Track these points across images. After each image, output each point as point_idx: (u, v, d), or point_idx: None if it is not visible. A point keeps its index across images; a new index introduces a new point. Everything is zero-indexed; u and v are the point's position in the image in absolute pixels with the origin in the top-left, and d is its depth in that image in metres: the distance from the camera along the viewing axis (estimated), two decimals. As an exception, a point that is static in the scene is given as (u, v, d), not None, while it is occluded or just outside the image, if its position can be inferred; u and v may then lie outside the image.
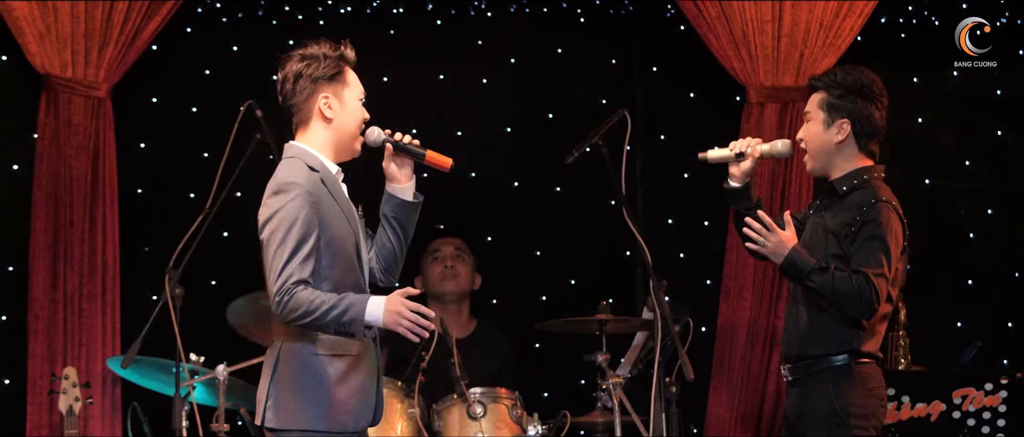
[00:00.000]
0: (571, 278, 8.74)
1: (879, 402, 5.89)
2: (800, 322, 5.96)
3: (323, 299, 5.13)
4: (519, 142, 8.80)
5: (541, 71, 8.81)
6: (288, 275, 5.13)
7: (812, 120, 6.02)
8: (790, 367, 6.01)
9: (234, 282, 7.50)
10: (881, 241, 5.78)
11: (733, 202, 6.19)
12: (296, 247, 5.16)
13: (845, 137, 5.96)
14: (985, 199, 8.81)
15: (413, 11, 8.69)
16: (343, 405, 5.26)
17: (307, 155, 5.35)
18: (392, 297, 5.18)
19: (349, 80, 5.42)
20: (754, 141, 6.12)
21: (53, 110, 7.90)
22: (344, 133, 5.41)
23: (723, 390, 8.25)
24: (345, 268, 5.31)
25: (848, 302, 5.74)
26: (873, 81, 5.98)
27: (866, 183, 5.95)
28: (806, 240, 6.03)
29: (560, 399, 7.86)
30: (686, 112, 8.79)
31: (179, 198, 8.22)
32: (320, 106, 5.36)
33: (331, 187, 5.33)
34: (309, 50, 5.39)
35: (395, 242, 5.60)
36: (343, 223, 5.32)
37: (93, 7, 7.91)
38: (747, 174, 6.13)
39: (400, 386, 7.21)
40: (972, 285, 8.73)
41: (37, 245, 7.87)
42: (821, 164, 6.04)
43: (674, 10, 8.57)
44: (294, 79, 5.36)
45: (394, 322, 5.16)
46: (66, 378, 7.38)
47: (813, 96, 6.04)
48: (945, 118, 8.84)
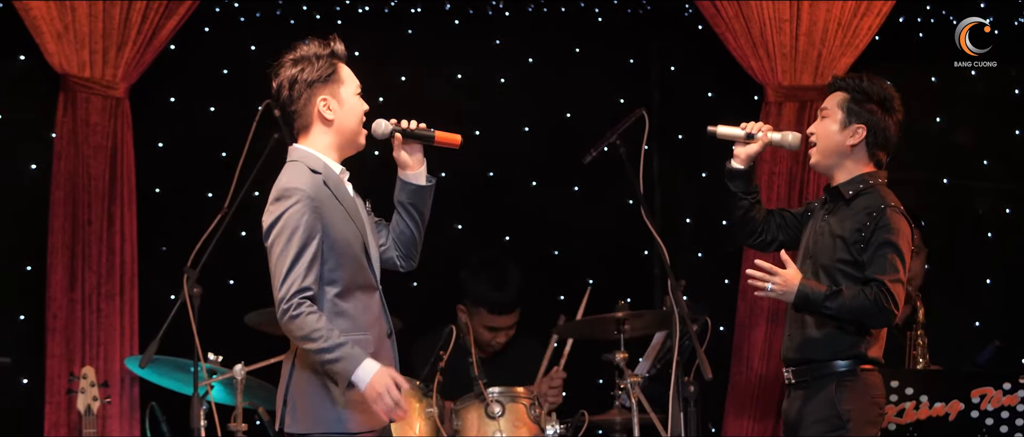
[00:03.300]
0: (589, 278, 8.74)
1: (879, 410, 5.92)
2: (805, 326, 5.96)
3: (324, 335, 5.14)
4: (536, 142, 8.80)
5: (559, 71, 8.81)
6: (290, 284, 5.15)
7: (828, 117, 6.03)
8: (794, 370, 6.02)
9: (252, 281, 7.50)
10: (894, 247, 5.81)
11: (733, 183, 6.19)
12: (297, 255, 5.17)
13: (858, 142, 5.98)
14: (1003, 198, 8.79)
15: (431, 10, 8.69)
16: (361, 405, 5.25)
17: (309, 158, 5.36)
18: (382, 373, 5.17)
19: (343, 77, 5.42)
20: (766, 126, 6.14)
21: (71, 110, 7.91)
22: (346, 131, 5.42)
23: (741, 389, 8.25)
24: (353, 269, 5.31)
25: (868, 316, 5.76)
26: (894, 96, 6.02)
27: (871, 188, 5.96)
28: (810, 243, 6.04)
29: (578, 398, 7.87)
30: (704, 111, 8.75)
31: (197, 198, 8.23)
32: (319, 109, 5.37)
33: (334, 188, 5.33)
34: (299, 53, 5.39)
35: (413, 228, 5.61)
36: (348, 224, 5.32)
37: (111, 7, 7.92)
38: (752, 158, 6.15)
39: (418, 386, 7.20)
40: (990, 284, 8.72)
41: (55, 244, 7.88)
42: (828, 163, 6.06)
43: (692, 9, 8.57)
44: (290, 86, 5.36)
45: (374, 398, 5.16)
46: (84, 377, 7.39)
47: (834, 95, 6.05)
48: (963, 118, 8.83)
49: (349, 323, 5.27)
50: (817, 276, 5.92)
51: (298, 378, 5.30)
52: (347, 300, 5.29)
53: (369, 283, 5.38)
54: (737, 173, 6.19)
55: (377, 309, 5.40)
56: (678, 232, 8.68)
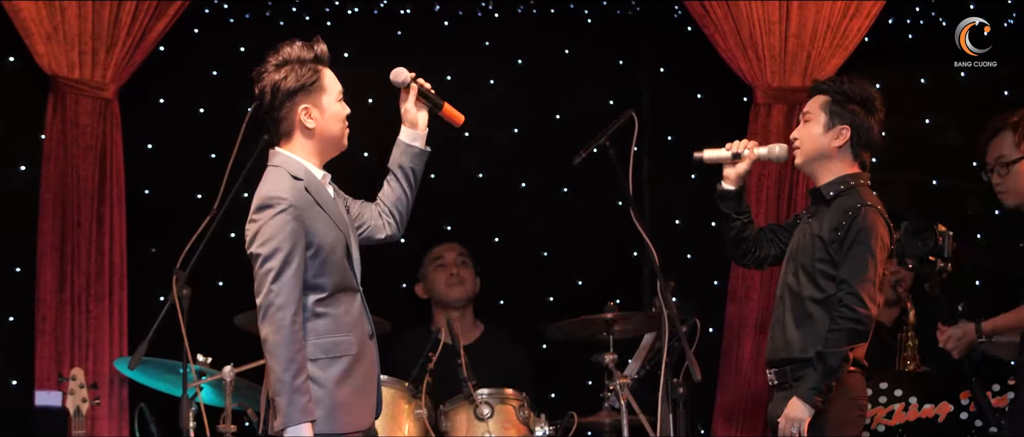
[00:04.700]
0: (578, 279, 8.74)
1: (859, 411, 5.94)
2: (786, 327, 5.98)
3: (291, 362, 5.13)
4: (526, 143, 8.80)
5: (548, 72, 8.81)
6: (274, 295, 5.17)
7: (811, 121, 6.06)
8: (776, 371, 6.03)
9: (241, 283, 7.46)
10: (866, 247, 5.82)
11: (725, 205, 6.22)
12: (282, 266, 5.19)
13: (843, 143, 5.99)
14: (992, 200, 8.78)
15: (420, 12, 8.69)
16: (345, 406, 5.27)
17: (290, 163, 5.37)
18: None
19: (326, 84, 5.42)
20: (751, 143, 6.15)
21: (60, 111, 7.91)
22: (327, 138, 5.43)
23: (730, 391, 8.25)
24: (338, 273, 5.33)
25: (853, 336, 5.79)
26: (875, 96, 6.04)
27: (852, 189, 5.99)
28: (794, 245, 6.06)
29: (567, 400, 7.86)
30: (693, 113, 8.78)
31: (186, 199, 8.22)
32: (301, 117, 5.37)
33: (316, 194, 5.34)
34: (282, 56, 5.38)
35: (408, 192, 5.66)
36: (332, 228, 5.33)
37: (100, 8, 7.91)
38: (742, 177, 6.18)
39: (407, 387, 7.21)
40: (979, 286, 8.72)
41: (44, 246, 7.87)
42: (813, 165, 6.08)
43: (681, 11, 8.56)
44: (272, 92, 5.36)
45: None
46: (73, 379, 7.38)
47: (815, 98, 6.09)
48: (952, 119, 8.83)
49: (332, 324, 5.28)
50: (798, 277, 5.94)
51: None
52: (330, 304, 5.31)
53: (351, 286, 5.39)
54: (728, 194, 6.21)
55: (359, 311, 5.41)
56: (667, 233, 8.68)
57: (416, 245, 8.22)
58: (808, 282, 5.91)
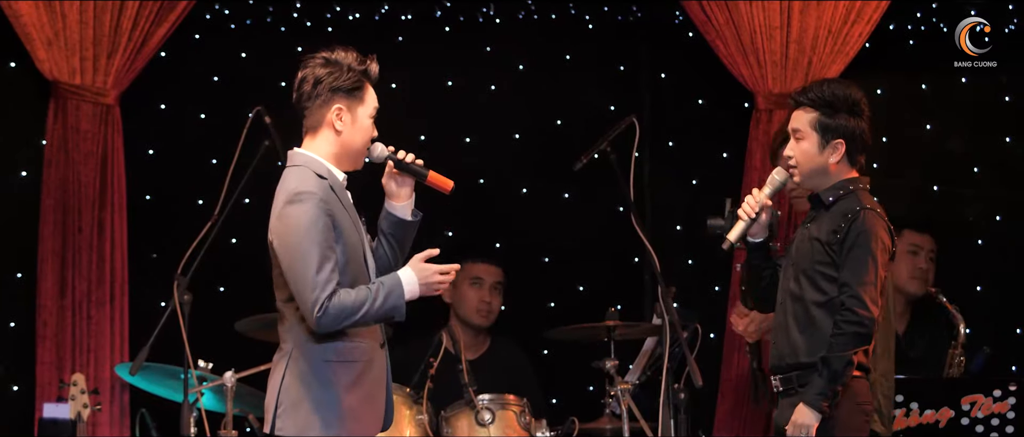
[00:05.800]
0: (579, 284, 8.74)
1: (865, 417, 5.90)
2: (790, 332, 5.95)
3: (358, 298, 5.17)
4: (527, 148, 8.80)
5: (549, 77, 8.81)
6: (321, 289, 5.13)
7: (804, 139, 5.93)
8: (781, 378, 5.99)
9: (242, 288, 7.50)
10: (866, 250, 5.79)
11: (758, 257, 6.14)
12: (322, 258, 5.15)
13: (840, 157, 5.93)
14: (993, 205, 8.80)
15: (422, 17, 8.68)
16: (354, 411, 5.26)
17: (314, 163, 5.34)
18: (416, 267, 5.29)
19: (366, 98, 5.38)
20: (758, 194, 6.06)
21: (61, 116, 7.91)
22: (350, 148, 5.39)
23: (731, 396, 8.24)
24: (356, 274, 5.31)
25: (857, 340, 5.74)
26: (859, 97, 5.94)
27: (851, 193, 5.93)
28: (793, 249, 6.02)
29: (568, 405, 7.86)
30: (694, 118, 8.78)
31: (187, 205, 8.22)
32: (332, 117, 5.34)
33: (339, 194, 5.32)
34: (334, 56, 5.35)
35: (391, 255, 5.59)
36: (353, 230, 5.32)
37: (101, 13, 7.91)
38: (765, 226, 6.09)
39: (409, 392, 7.21)
40: (980, 291, 8.72)
41: (45, 251, 7.88)
42: (813, 181, 6.00)
43: (682, 16, 8.57)
44: (313, 83, 5.32)
45: (431, 291, 5.30)
46: (74, 384, 7.37)
47: (800, 114, 5.93)
48: (954, 124, 8.83)
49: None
50: (799, 282, 5.91)
51: (291, 380, 5.28)
52: None
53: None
54: (760, 247, 6.14)
55: None
56: (668, 239, 8.66)
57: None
58: (809, 286, 5.89)
